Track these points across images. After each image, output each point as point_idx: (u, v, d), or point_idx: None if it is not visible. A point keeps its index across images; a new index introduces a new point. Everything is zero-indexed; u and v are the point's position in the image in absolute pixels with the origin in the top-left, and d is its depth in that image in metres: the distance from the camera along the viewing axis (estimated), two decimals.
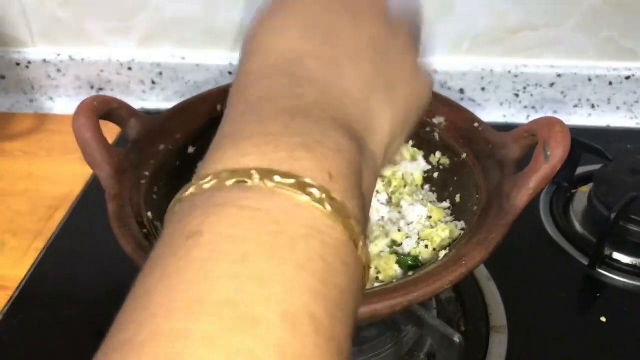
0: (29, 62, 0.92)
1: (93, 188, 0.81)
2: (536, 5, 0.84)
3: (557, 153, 0.47)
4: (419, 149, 0.62)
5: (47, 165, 0.85)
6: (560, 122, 0.49)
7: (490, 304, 0.63)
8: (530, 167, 0.48)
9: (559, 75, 0.88)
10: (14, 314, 0.65)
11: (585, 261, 0.67)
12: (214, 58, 0.90)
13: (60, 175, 0.83)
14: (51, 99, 0.96)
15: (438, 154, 0.60)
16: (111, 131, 0.56)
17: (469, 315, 0.63)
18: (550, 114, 0.91)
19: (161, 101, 0.94)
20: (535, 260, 0.69)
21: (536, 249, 0.70)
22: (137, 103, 0.94)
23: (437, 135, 0.60)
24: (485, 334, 0.60)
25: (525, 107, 0.91)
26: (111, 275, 0.68)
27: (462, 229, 0.53)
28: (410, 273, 0.46)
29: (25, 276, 0.69)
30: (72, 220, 0.76)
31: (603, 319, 0.62)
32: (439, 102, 0.61)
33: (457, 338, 0.50)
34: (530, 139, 0.52)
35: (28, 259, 0.71)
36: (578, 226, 0.73)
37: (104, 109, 0.54)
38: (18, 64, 0.92)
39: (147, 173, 0.55)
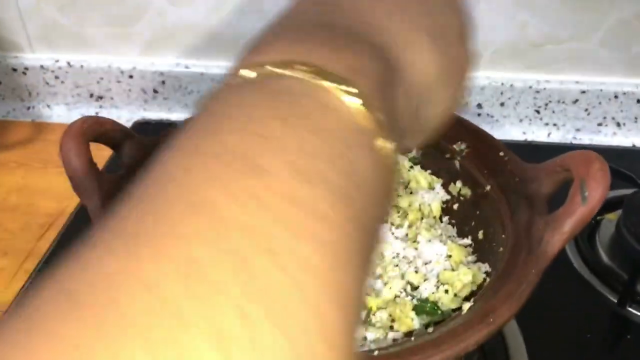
0: (26, 68, 0.88)
1: None
2: (561, 17, 0.79)
3: (595, 194, 0.42)
4: (438, 176, 0.58)
5: (42, 179, 0.81)
6: (599, 159, 0.44)
7: (510, 344, 0.59)
8: (565, 209, 0.43)
9: (583, 92, 0.83)
10: None
11: (614, 298, 0.63)
12: (218, 67, 0.86)
13: (55, 189, 0.79)
14: (48, 106, 0.92)
15: (459, 184, 0.56)
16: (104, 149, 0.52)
17: (488, 357, 0.58)
18: (572, 132, 0.86)
19: (163, 111, 0.90)
20: (559, 296, 0.64)
21: (560, 282, 0.65)
22: (139, 113, 0.89)
23: (457, 163, 0.56)
24: None
25: (547, 124, 0.86)
26: None
27: (486, 272, 0.48)
28: (430, 329, 0.42)
29: (14, 301, 0.65)
30: (66, 239, 0.72)
31: None
32: (461, 127, 0.56)
33: None
34: (563, 173, 0.47)
35: (17, 281, 0.67)
36: (605, 257, 0.68)
37: (95, 131, 0.50)
38: (15, 70, 0.88)
39: None
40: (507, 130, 0.86)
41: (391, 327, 0.45)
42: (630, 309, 0.62)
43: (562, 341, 0.60)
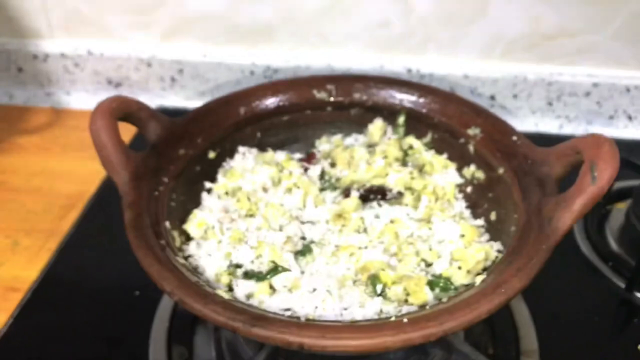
0: (47, 55, 0.90)
1: (108, 187, 0.78)
2: (574, 10, 0.80)
3: (605, 174, 0.44)
4: (452, 160, 0.59)
5: (62, 162, 0.83)
6: (609, 141, 0.46)
7: (520, 327, 0.60)
8: (575, 188, 0.45)
9: (595, 85, 0.84)
10: (25, 318, 0.62)
11: (622, 283, 0.64)
12: (236, 56, 0.87)
13: (75, 172, 0.81)
14: (68, 93, 0.93)
15: (472, 167, 0.57)
16: (128, 130, 0.54)
17: (497, 338, 0.59)
18: (584, 125, 0.87)
19: (181, 99, 0.91)
20: (568, 281, 0.65)
21: (569, 269, 0.67)
22: (156, 100, 0.91)
23: (471, 147, 0.57)
24: (514, 358, 0.57)
25: (559, 116, 0.87)
26: (125, 278, 0.66)
27: (499, 251, 0.49)
28: (445, 299, 0.43)
29: (38, 278, 0.66)
30: (86, 220, 0.74)
31: None
32: (474, 112, 0.58)
33: None
34: (574, 156, 0.48)
35: (40, 259, 0.69)
36: (614, 245, 0.69)
37: (123, 110, 0.52)
38: (36, 57, 0.90)
39: (165, 179, 0.52)
40: (520, 121, 0.88)
41: (406, 301, 0.47)
42: (637, 294, 0.63)
43: (571, 324, 0.61)
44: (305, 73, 0.85)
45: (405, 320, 0.40)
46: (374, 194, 0.58)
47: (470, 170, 0.57)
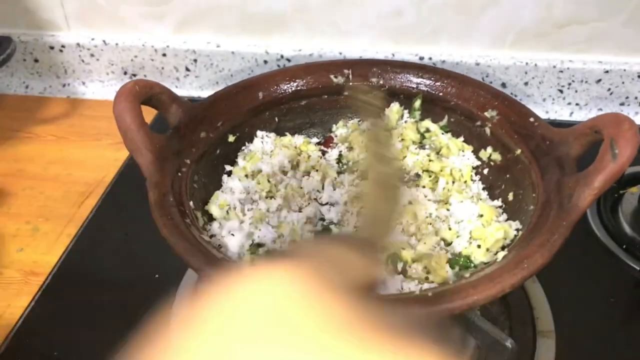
0: (63, 46, 0.91)
1: (125, 175, 0.79)
2: None
3: (625, 151, 0.44)
4: (468, 143, 0.60)
5: (79, 150, 0.84)
6: (629, 119, 0.46)
7: (536, 307, 0.61)
8: (595, 166, 0.45)
9: (606, 72, 0.84)
10: (46, 301, 0.63)
11: (636, 265, 0.64)
12: (249, 46, 0.88)
13: (92, 160, 0.82)
14: (84, 83, 0.94)
15: (489, 149, 0.58)
16: (147, 114, 0.54)
17: (514, 318, 0.60)
18: (594, 111, 0.88)
19: (195, 89, 0.92)
20: (583, 264, 0.66)
21: (584, 252, 0.67)
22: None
23: (488, 130, 0.58)
24: (532, 338, 0.58)
25: (569, 103, 0.88)
26: (143, 262, 0.67)
27: (517, 230, 0.50)
28: (467, 275, 0.44)
29: (58, 262, 0.67)
30: (105, 206, 0.75)
31: None
32: (491, 95, 0.59)
33: (509, 343, 0.47)
34: (592, 135, 0.49)
35: (60, 245, 0.70)
36: (627, 228, 0.69)
37: (146, 93, 0.52)
38: (52, 48, 0.91)
39: (187, 161, 0.53)
40: (530, 108, 0.88)
41: (426, 279, 0.47)
42: None
43: (587, 305, 0.62)
44: None
45: (430, 294, 0.40)
46: None
47: (487, 152, 0.58)
